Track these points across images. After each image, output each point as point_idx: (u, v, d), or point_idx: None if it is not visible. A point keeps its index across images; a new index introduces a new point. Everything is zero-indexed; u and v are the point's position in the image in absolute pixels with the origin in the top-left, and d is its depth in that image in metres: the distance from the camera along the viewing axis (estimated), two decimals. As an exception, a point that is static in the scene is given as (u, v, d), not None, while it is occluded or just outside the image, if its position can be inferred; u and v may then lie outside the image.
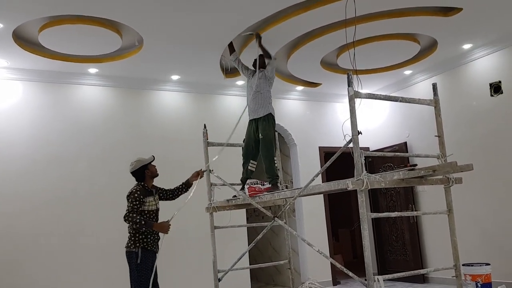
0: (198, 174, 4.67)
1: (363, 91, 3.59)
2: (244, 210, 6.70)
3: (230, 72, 6.30)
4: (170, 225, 4.26)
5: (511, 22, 5.36)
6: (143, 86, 6.47)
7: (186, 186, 4.65)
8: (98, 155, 6.04)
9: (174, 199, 4.61)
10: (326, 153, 7.67)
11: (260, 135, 4.62)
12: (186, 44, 5.31)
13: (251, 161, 4.79)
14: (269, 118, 4.67)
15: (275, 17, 4.79)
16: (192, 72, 6.26)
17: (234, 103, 7.06)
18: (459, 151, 5.50)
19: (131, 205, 4.11)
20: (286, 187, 4.97)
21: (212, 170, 4.75)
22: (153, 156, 4.48)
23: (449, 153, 3.60)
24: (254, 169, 4.81)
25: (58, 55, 5.40)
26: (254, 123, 4.74)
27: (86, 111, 6.09)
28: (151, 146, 6.22)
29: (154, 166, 4.45)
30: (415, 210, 7.08)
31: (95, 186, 5.94)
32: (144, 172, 4.33)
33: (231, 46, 5.22)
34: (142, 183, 4.32)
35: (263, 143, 4.60)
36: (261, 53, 4.87)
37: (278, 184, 4.66)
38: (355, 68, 4.15)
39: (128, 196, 4.19)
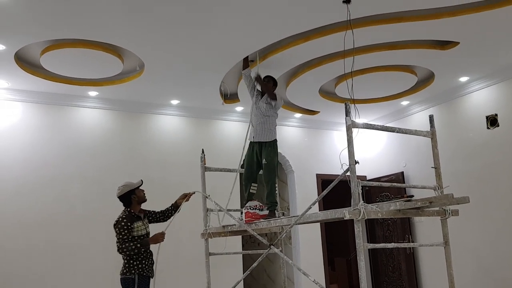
0: (185, 196, 4.61)
1: (361, 120, 3.62)
2: (240, 236, 6.64)
3: (229, 98, 6.36)
4: (164, 233, 4.26)
5: (507, 56, 5.45)
6: (142, 109, 6.50)
7: (174, 207, 4.59)
8: (94, 177, 6.00)
9: (165, 220, 4.55)
10: (323, 181, 7.66)
11: (264, 160, 4.62)
12: (187, 70, 5.37)
13: (252, 183, 4.76)
14: (275, 145, 4.71)
15: (275, 45, 4.87)
16: (192, 97, 6.32)
17: (232, 129, 7.09)
18: (456, 183, 5.51)
19: (120, 236, 4.05)
20: (283, 214, 4.94)
21: (209, 196, 4.72)
22: (142, 180, 4.39)
23: (445, 185, 3.61)
24: (255, 192, 4.76)
25: (59, 78, 5.44)
26: (257, 146, 4.72)
27: (84, 133, 6.10)
28: (148, 170, 6.21)
29: (143, 190, 4.36)
30: (412, 241, 7.04)
31: (89, 209, 5.88)
32: (130, 198, 4.24)
33: (245, 60, 5.08)
34: (129, 209, 4.23)
35: (267, 168, 4.59)
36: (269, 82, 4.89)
37: (276, 211, 4.64)
38: (352, 98, 4.19)
39: (115, 225, 4.12)
